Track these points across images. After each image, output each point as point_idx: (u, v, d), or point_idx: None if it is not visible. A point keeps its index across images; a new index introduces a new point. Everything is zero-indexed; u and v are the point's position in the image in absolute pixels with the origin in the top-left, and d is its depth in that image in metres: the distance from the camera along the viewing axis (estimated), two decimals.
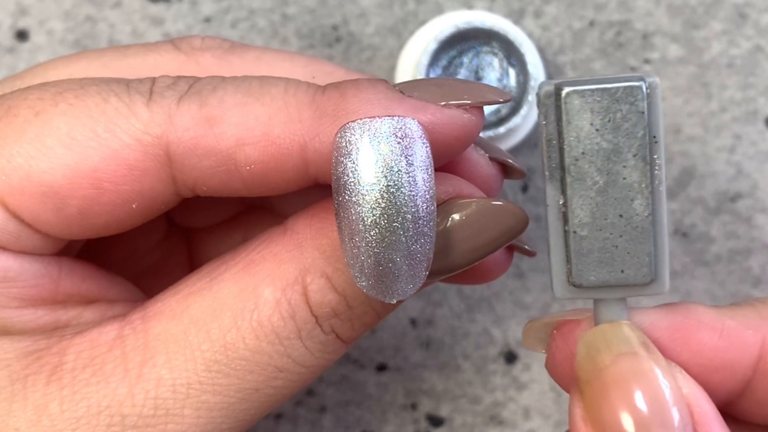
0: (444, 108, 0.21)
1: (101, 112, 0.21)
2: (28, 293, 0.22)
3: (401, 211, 0.20)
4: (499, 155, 0.24)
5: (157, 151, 0.21)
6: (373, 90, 0.21)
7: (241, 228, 0.28)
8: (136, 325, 0.22)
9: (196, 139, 0.21)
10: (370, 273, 0.21)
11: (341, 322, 0.22)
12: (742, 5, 0.33)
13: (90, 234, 0.22)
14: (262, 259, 0.22)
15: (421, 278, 0.21)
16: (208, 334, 0.22)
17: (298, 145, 0.21)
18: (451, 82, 0.22)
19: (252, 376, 0.22)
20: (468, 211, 0.22)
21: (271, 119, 0.21)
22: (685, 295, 0.33)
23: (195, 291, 0.22)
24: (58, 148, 0.21)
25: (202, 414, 0.22)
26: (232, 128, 0.21)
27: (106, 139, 0.21)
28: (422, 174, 0.20)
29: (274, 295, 0.22)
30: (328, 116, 0.21)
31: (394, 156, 0.20)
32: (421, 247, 0.21)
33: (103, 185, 0.21)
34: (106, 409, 0.22)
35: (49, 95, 0.22)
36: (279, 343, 0.22)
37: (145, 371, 0.22)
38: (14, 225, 0.22)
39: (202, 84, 0.22)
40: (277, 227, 0.23)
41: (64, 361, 0.22)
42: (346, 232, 0.20)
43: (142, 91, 0.22)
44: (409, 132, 0.20)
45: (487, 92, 0.22)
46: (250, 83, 0.22)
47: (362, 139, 0.20)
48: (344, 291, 0.22)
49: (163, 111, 0.21)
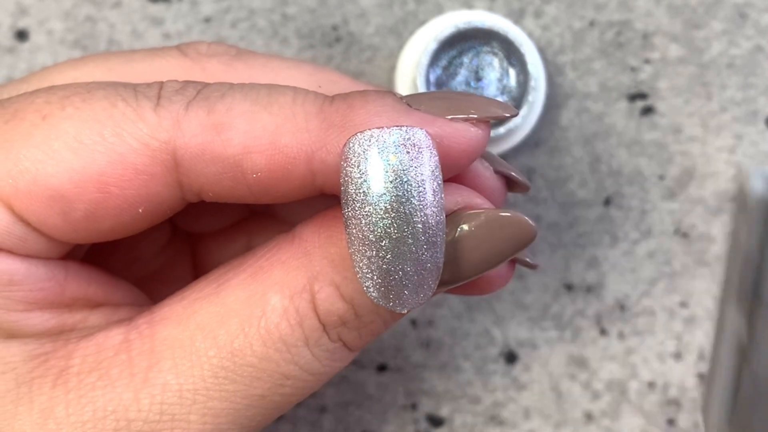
0: (452, 122, 0.21)
1: (108, 117, 0.21)
2: (35, 297, 0.22)
3: (411, 221, 0.20)
4: (504, 168, 0.24)
5: (164, 156, 0.21)
6: (381, 102, 0.21)
7: (245, 234, 0.28)
8: (143, 329, 0.22)
9: (204, 145, 0.21)
10: (380, 283, 0.21)
11: (348, 331, 0.22)
12: (742, 5, 0.33)
13: (96, 238, 0.22)
14: (270, 266, 0.22)
15: (431, 288, 0.21)
16: (215, 340, 0.22)
17: (305, 154, 0.21)
18: (458, 96, 0.22)
19: (259, 382, 0.22)
20: (477, 222, 0.22)
21: (279, 128, 0.21)
22: (685, 295, 0.33)
23: (202, 297, 0.22)
24: (65, 152, 0.21)
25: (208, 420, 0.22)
26: (240, 136, 0.21)
27: (114, 143, 0.21)
28: (431, 184, 0.20)
29: (282, 303, 0.22)
30: (335, 127, 0.21)
31: (403, 166, 0.20)
32: (431, 257, 0.20)
33: (110, 189, 0.21)
34: (112, 413, 0.22)
35: (56, 99, 0.22)
36: (286, 350, 0.22)
37: (151, 376, 0.22)
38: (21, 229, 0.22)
39: (210, 90, 0.22)
40: (285, 234, 0.23)
41: (71, 365, 0.22)
42: (356, 242, 0.20)
43: (149, 95, 0.22)
44: (417, 142, 0.20)
45: (493, 107, 0.22)
46: (259, 91, 0.22)
47: (370, 149, 0.20)
48: (352, 300, 0.22)
49: (171, 116, 0.21)
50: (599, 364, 0.33)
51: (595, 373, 0.33)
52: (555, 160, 0.33)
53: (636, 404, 0.33)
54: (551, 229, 0.33)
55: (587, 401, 0.33)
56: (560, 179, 0.33)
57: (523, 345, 0.33)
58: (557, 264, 0.33)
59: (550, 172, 0.33)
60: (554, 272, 0.33)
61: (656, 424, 0.33)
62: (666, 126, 0.33)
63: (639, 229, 0.33)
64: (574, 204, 0.33)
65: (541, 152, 0.33)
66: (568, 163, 0.33)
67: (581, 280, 0.33)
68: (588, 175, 0.33)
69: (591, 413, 0.33)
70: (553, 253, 0.33)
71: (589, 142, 0.33)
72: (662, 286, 0.33)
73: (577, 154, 0.33)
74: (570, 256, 0.33)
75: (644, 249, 0.33)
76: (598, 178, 0.33)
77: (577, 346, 0.33)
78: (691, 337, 0.33)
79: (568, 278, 0.33)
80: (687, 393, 0.33)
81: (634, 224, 0.33)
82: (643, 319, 0.33)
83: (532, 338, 0.33)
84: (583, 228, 0.33)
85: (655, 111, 0.33)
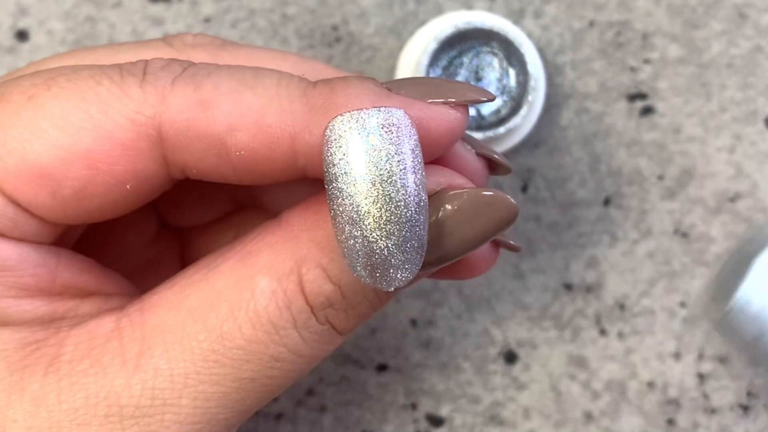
0: (431, 105, 0.22)
1: (94, 94, 0.21)
2: (26, 283, 0.22)
3: (393, 198, 0.20)
4: (485, 151, 0.25)
5: (150, 131, 0.21)
6: (361, 85, 0.21)
7: (233, 227, 0.29)
8: (134, 316, 0.22)
9: (189, 121, 0.21)
10: (366, 262, 0.21)
11: (336, 312, 0.23)
12: (742, 5, 0.33)
13: (85, 218, 0.22)
14: (258, 250, 0.22)
15: (416, 265, 0.21)
16: (205, 325, 0.22)
17: (288, 134, 0.21)
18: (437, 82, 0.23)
19: (248, 365, 0.22)
20: (460, 201, 0.22)
21: (264, 108, 0.21)
22: (685, 295, 0.33)
23: (192, 283, 0.23)
24: (52, 130, 0.21)
25: (199, 404, 0.22)
26: (225, 113, 0.21)
27: (100, 119, 0.21)
28: (412, 162, 0.21)
29: (270, 286, 0.22)
30: (318, 109, 0.21)
31: (384, 145, 0.20)
32: (415, 234, 0.21)
33: (98, 166, 0.21)
34: (104, 399, 0.22)
35: (41, 80, 0.22)
36: (275, 332, 0.22)
37: (142, 362, 0.22)
38: (11, 210, 0.22)
39: (197, 68, 0.22)
40: (272, 220, 0.23)
41: (62, 353, 0.22)
42: (341, 223, 0.21)
43: (134, 72, 0.22)
44: (396, 121, 0.21)
45: (471, 91, 0.23)
46: (245, 72, 0.22)
47: (351, 130, 0.20)
48: (339, 281, 0.22)
49: (157, 92, 0.21)
50: (599, 364, 0.33)
51: (594, 373, 0.33)
52: (554, 160, 0.33)
53: (635, 404, 0.33)
54: (551, 229, 0.33)
55: (587, 401, 0.33)
56: (560, 179, 0.33)
57: (523, 345, 0.33)
58: (557, 264, 0.33)
59: (550, 172, 0.33)
60: (554, 272, 0.33)
61: (656, 424, 0.33)
62: (665, 126, 0.33)
63: (638, 229, 0.33)
64: (574, 204, 0.33)
65: (540, 152, 0.33)
66: (568, 163, 0.33)
67: (581, 280, 0.33)
68: (587, 175, 0.33)
69: (591, 413, 0.33)
70: (552, 253, 0.33)
71: (588, 142, 0.33)
72: (662, 286, 0.33)
73: (576, 154, 0.33)
74: (569, 256, 0.33)
75: (644, 249, 0.33)
76: (598, 178, 0.33)
77: (577, 346, 0.33)
78: (691, 337, 0.33)
79: (567, 278, 0.33)
80: (687, 393, 0.33)
81: (634, 224, 0.33)
82: (643, 319, 0.33)
83: (532, 338, 0.33)
84: (583, 228, 0.33)
85: (655, 111, 0.33)
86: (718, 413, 0.33)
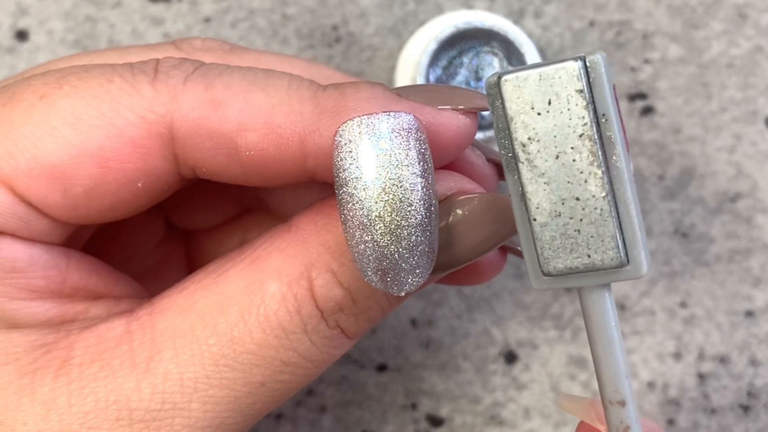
0: (440, 110, 0.22)
1: (105, 92, 0.21)
2: (37, 284, 0.22)
3: (404, 203, 0.20)
4: (495, 156, 0.25)
5: (161, 129, 0.21)
6: (372, 90, 0.21)
7: (239, 231, 0.29)
8: (144, 320, 0.22)
9: (200, 120, 0.21)
10: (377, 266, 0.21)
11: (346, 317, 0.23)
12: (742, 5, 0.33)
13: (96, 217, 0.22)
14: (268, 255, 0.22)
15: (427, 270, 0.21)
16: (215, 329, 0.22)
17: (297, 136, 0.21)
18: (444, 89, 0.23)
19: (258, 369, 0.22)
20: (471, 206, 0.22)
21: (274, 109, 0.21)
22: (685, 295, 0.33)
23: (202, 287, 0.23)
24: (64, 129, 0.21)
25: (209, 408, 0.22)
26: (236, 113, 0.21)
27: (111, 117, 0.21)
28: (422, 166, 0.21)
29: (280, 290, 0.22)
30: (327, 112, 0.21)
31: (394, 150, 0.20)
32: (426, 238, 0.21)
33: (109, 164, 0.21)
34: (114, 403, 0.22)
35: (53, 79, 0.22)
36: (285, 337, 0.22)
37: (152, 366, 0.22)
38: (22, 209, 0.22)
39: (208, 68, 0.22)
40: (282, 225, 0.23)
41: (72, 356, 0.22)
42: (351, 227, 0.21)
43: (146, 70, 0.22)
44: (406, 126, 0.21)
45: (478, 99, 0.23)
46: (256, 73, 0.22)
47: (362, 135, 0.20)
48: (349, 286, 0.22)
49: (168, 90, 0.21)
50: None
51: (594, 373, 0.33)
52: None
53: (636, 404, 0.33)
54: None
55: None
56: None
57: (523, 345, 0.33)
58: None
59: None
60: None
61: (656, 424, 0.33)
62: (666, 126, 0.33)
63: None
64: None
65: None
66: None
67: None
68: None
69: None
70: None
71: None
72: (662, 286, 0.33)
73: None
74: None
75: None
76: None
77: (577, 346, 0.33)
78: (691, 337, 0.33)
79: None
80: (687, 393, 0.33)
81: None
82: (643, 319, 0.33)
83: (532, 338, 0.33)
84: None
85: (655, 111, 0.33)
86: (718, 413, 0.33)
